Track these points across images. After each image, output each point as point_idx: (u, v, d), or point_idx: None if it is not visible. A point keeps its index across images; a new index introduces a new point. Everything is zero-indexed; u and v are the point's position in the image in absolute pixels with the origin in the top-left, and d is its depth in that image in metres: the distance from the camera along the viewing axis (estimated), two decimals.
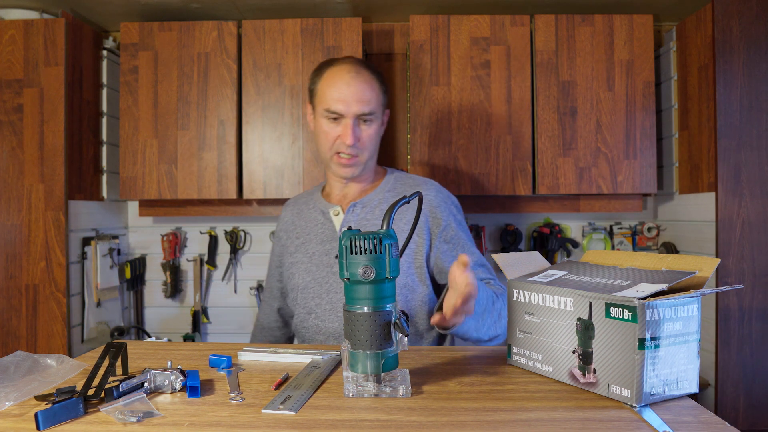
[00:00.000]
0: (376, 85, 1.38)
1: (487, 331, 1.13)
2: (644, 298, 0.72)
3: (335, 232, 1.38)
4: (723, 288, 0.78)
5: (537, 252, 1.02)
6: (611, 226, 2.46)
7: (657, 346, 0.73)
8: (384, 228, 0.83)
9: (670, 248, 2.30)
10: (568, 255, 2.40)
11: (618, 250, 2.39)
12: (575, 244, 2.43)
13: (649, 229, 2.41)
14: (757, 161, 1.94)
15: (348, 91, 1.32)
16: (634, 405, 0.72)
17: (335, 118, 1.35)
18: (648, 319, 0.72)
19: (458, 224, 1.38)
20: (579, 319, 0.79)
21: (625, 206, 2.26)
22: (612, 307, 0.74)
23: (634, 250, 2.44)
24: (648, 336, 0.72)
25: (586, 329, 0.78)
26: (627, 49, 2.14)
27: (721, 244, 1.94)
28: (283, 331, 1.59)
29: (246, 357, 0.99)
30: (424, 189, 1.40)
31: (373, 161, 1.43)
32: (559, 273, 0.91)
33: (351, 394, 0.79)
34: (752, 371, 1.93)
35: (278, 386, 0.83)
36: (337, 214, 1.41)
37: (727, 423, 0.68)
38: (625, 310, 0.73)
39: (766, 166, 1.94)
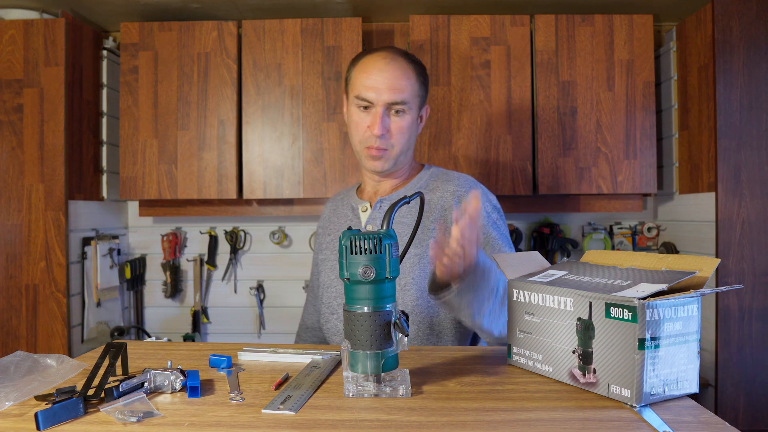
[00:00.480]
0: (412, 74, 1.29)
1: (490, 316, 1.05)
2: (644, 298, 0.72)
3: (362, 228, 1.34)
4: (723, 288, 0.78)
5: (537, 252, 1.01)
6: (611, 226, 2.46)
7: (657, 346, 0.73)
8: (384, 228, 0.83)
9: (670, 248, 2.30)
10: (568, 255, 2.40)
11: (618, 250, 2.39)
12: (575, 244, 2.43)
13: (649, 229, 2.41)
14: (757, 161, 1.94)
15: (380, 78, 1.25)
16: (634, 405, 0.72)
17: (366, 107, 1.28)
18: (648, 319, 0.71)
19: (491, 222, 1.29)
20: (579, 319, 0.79)
21: (625, 206, 2.26)
22: (612, 307, 0.74)
23: (634, 250, 2.44)
24: (648, 336, 0.72)
25: (586, 329, 0.78)
26: (627, 49, 2.14)
27: (721, 244, 1.94)
28: None
29: (246, 357, 0.99)
30: (457, 184, 1.31)
31: (407, 157, 1.35)
32: (559, 273, 0.91)
33: (351, 394, 0.79)
34: (752, 371, 1.93)
35: (278, 386, 0.83)
36: (365, 210, 1.36)
37: (727, 423, 0.68)
38: (625, 310, 0.73)
39: (766, 166, 1.94)
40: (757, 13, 1.94)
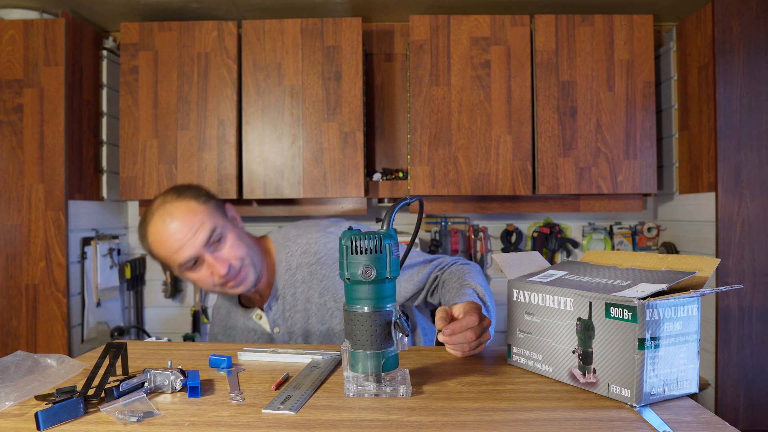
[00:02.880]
0: (198, 207, 1.23)
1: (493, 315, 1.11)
2: (644, 298, 0.72)
3: (269, 333, 1.33)
4: (723, 288, 0.78)
5: (537, 252, 1.01)
6: (611, 226, 2.46)
7: (657, 346, 0.73)
8: (384, 228, 0.83)
9: (670, 248, 2.30)
10: (568, 255, 2.40)
11: (618, 250, 2.39)
12: (575, 244, 2.43)
13: (649, 229, 2.41)
14: (757, 161, 1.94)
15: (180, 237, 1.19)
16: (634, 405, 0.72)
17: (195, 263, 1.22)
18: (648, 319, 0.71)
19: None
20: (579, 319, 0.79)
21: (625, 206, 2.26)
22: (612, 307, 0.74)
23: (634, 250, 2.44)
24: (648, 336, 0.72)
25: (586, 329, 0.78)
26: (627, 49, 2.14)
27: (721, 244, 1.94)
28: None
29: (246, 357, 0.99)
30: (317, 238, 1.31)
31: (258, 258, 1.30)
32: (559, 273, 0.91)
33: (351, 394, 0.79)
34: (752, 371, 1.93)
35: (278, 386, 0.83)
36: (260, 318, 1.34)
37: (727, 423, 0.68)
38: (625, 310, 0.73)
39: (766, 166, 1.94)
40: (757, 13, 1.94)
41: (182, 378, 0.80)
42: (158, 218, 1.22)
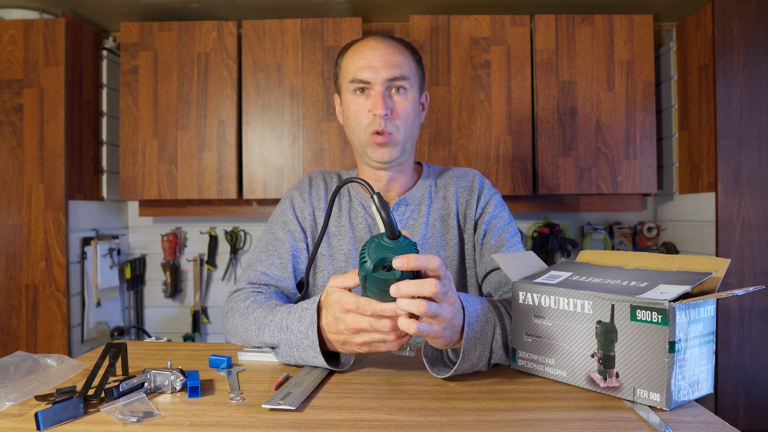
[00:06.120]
0: (407, 53, 1.18)
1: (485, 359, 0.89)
2: (673, 301, 0.71)
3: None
4: (752, 288, 0.77)
5: (532, 252, 1.00)
6: (611, 226, 2.46)
7: (685, 349, 0.72)
8: (398, 233, 0.79)
9: (670, 248, 2.30)
10: (568, 255, 2.40)
11: (618, 250, 2.39)
12: (575, 244, 2.42)
13: (649, 229, 2.41)
14: (757, 161, 1.94)
15: (373, 56, 1.14)
16: (664, 408, 0.71)
17: (363, 90, 1.15)
18: (678, 321, 0.71)
19: (504, 224, 1.22)
20: (599, 322, 0.77)
21: (625, 206, 2.26)
22: (638, 310, 0.72)
23: (634, 250, 2.44)
24: (677, 338, 0.71)
25: (607, 332, 0.76)
26: (627, 49, 2.14)
27: (721, 244, 1.94)
28: None
29: (246, 357, 0.99)
30: (468, 179, 1.25)
31: (412, 147, 1.22)
32: (564, 274, 0.88)
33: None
34: (752, 371, 1.93)
35: (278, 387, 0.83)
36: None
37: (727, 423, 0.68)
38: (654, 312, 0.71)
39: (766, 166, 1.94)
40: (757, 13, 1.94)
41: (182, 378, 0.80)
42: (373, 36, 1.18)
